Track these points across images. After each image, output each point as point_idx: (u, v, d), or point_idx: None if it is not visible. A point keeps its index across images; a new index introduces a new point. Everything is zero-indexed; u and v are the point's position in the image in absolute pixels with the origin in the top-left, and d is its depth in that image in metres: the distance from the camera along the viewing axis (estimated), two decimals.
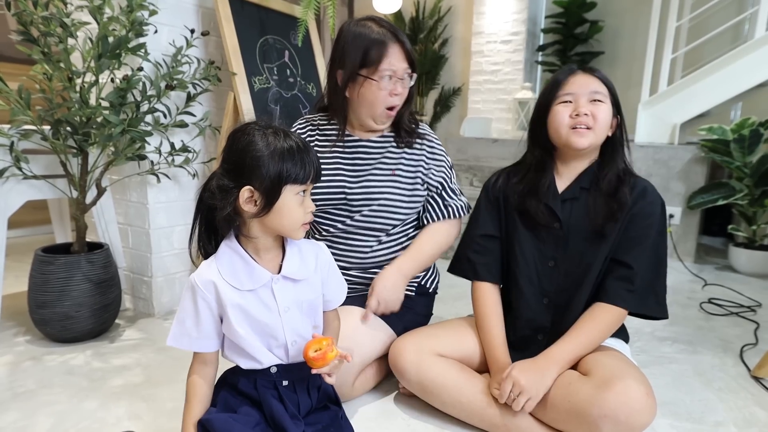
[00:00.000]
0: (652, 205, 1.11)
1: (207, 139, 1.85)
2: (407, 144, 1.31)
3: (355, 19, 1.24)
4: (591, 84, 1.10)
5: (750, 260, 2.48)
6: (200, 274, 0.86)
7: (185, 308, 0.87)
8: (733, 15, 3.00)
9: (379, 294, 1.21)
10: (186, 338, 0.87)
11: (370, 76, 1.19)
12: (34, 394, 1.24)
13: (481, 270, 1.22)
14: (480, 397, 1.10)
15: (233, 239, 0.89)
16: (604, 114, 1.09)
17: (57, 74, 1.38)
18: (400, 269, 1.25)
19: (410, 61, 1.22)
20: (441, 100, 4.46)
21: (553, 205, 1.14)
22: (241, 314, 0.87)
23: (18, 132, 1.42)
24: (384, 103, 1.22)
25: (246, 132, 0.84)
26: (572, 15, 3.70)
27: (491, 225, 1.23)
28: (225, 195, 0.83)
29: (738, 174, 2.48)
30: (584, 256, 1.13)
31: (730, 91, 2.66)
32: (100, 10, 1.38)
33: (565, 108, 1.11)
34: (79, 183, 1.52)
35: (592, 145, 1.11)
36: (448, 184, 1.34)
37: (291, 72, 1.97)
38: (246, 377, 0.91)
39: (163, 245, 1.75)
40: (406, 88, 1.25)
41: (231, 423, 0.83)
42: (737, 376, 1.42)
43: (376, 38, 1.18)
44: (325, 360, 0.86)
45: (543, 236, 1.16)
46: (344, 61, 1.21)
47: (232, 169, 0.84)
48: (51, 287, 1.45)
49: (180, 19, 1.69)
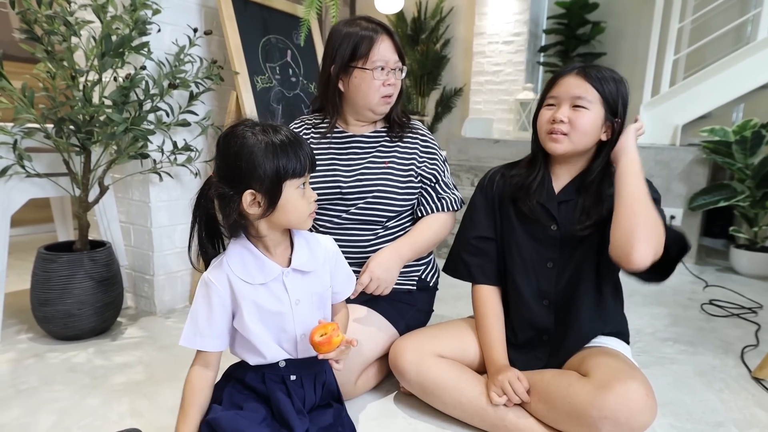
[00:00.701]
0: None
1: (209, 138, 1.85)
2: (400, 137, 1.33)
3: (345, 19, 1.28)
4: (577, 89, 1.06)
5: (751, 262, 2.47)
6: (213, 271, 0.87)
7: (198, 306, 0.88)
8: (736, 17, 3.00)
9: (372, 271, 1.19)
10: (199, 338, 0.87)
11: (363, 66, 1.23)
12: (36, 391, 1.24)
13: (476, 272, 1.22)
14: (480, 397, 1.09)
15: (243, 237, 0.89)
16: (585, 121, 1.06)
17: (60, 73, 1.38)
18: (397, 250, 1.25)
19: (400, 54, 1.27)
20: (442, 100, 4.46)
21: (549, 205, 1.13)
22: (254, 308, 0.88)
23: (21, 130, 1.43)
24: (379, 91, 1.25)
25: (236, 135, 0.83)
26: (574, 16, 3.71)
27: (487, 226, 1.22)
28: (227, 203, 0.83)
29: (739, 176, 2.48)
30: (583, 257, 1.12)
31: (732, 92, 2.66)
32: (103, 8, 1.38)
33: (548, 111, 1.10)
34: (82, 181, 1.53)
35: (569, 152, 1.09)
36: (442, 178, 1.35)
37: (293, 71, 1.97)
38: (254, 371, 0.92)
39: (165, 244, 1.76)
40: (398, 80, 1.29)
41: (238, 420, 0.84)
42: (738, 377, 1.43)
43: (365, 33, 1.23)
44: (330, 344, 0.86)
45: (540, 237, 1.15)
46: (335, 56, 1.24)
47: (229, 175, 0.83)
48: (53, 285, 1.45)
49: (183, 18, 1.70)
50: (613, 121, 1.09)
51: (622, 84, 1.09)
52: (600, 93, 1.06)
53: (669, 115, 2.86)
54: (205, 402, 0.89)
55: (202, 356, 0.90)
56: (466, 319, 1.31)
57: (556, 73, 1.14)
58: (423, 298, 1.38)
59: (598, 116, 1.07)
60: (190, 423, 0.86)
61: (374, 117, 1.31)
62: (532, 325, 1.17)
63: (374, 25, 1.25)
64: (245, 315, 0.87)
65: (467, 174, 3.07)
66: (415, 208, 1.35)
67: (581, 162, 1.14)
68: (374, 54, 1.22)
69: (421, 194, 1.34)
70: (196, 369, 0.89)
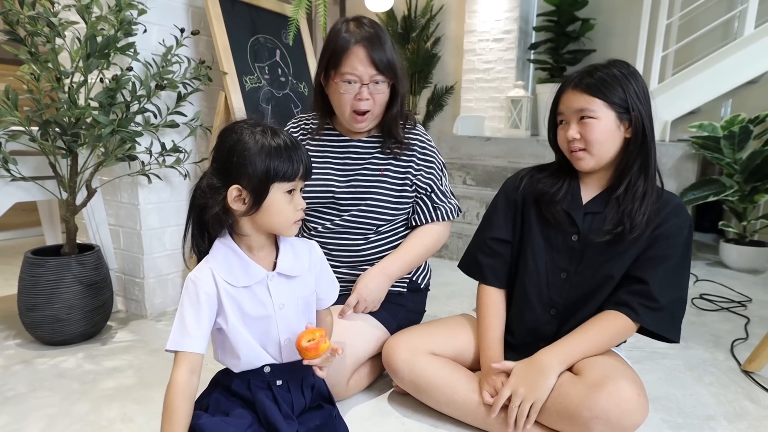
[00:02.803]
0: (681, 226, 1.04)
1: (198, 139, 1.84)
2: (394, 155, 1.29)
3: (347, 17, 1.23)
4: (577, 102, 1.03)
5: (740, 256, 2.50)
6: (199, 271, 0.87)
7: (185, 307, 0.85)
8: (723, 12, 3.02)
9: (360, 292, 1.21)
10: (188, 339, 0.84)
11: (333, 78, 1.19)
12: (24, 397, 1.22)
13: (488, 274, 1.20)
14: (474, 395, 1.09)
15: (227, 237, 0.89)
16: (596, 131, 1.02)
17: (45, 74, 1.36)
18: (384, 270, 1.25)
19: (379, 66, 1.17)
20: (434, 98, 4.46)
21: (575, 215, 1.09)
22: (237, 311, 0.87)
23: (5, 133, 1.41)
24: (349, 106, 1.20)
25: (234, 131, 0.85)
26: (564, 13, 3.71)
27: (505, 229, 1.19)
28: (214, 194, 0.83)
29: (728, 170, 2.50)
30: (599, 271, 1.08)
31: (720, 88, 2.68)
32: (88, 9, 1.36)
33: (562, 130, 1.08)
34: (69, 184, 1.51)
35: (596, 166, 1.06)
36: (438, 187, 1.33)
37: (282, 71, 1.96)
38: (239, 378, 0.91)
39: (155, 246, 1.74)
40: (376, 93, 1.20)
41: (223, 426, 0.82)
42: (728, 370, 1.44)
43: (341, 42, 1.16)
44: (317, 351, 0.86)
45: (558, 246, 1.12)
46: (320, 61, 1.22)
47: (221, 168, 0.84)
48: (41, 290, 1.44)
49: (170, 19, 1.68)
50: (630, 117, 1.03)
51: (625, 79, 1.03)
52: (602, 99, 1.01)
53: (658, 111, 2.87)
54: (190, 409, 0.85)
55: (187, 360, 0.85)
56: (459, 316, 1.31)
57: (560, 86, 1.10)
58: (414, 299, 1.38)
59: (609, 121, 1.02)
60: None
61: (351, 128, 1.27)
62: (533, 331, 1.15)
63: (359, 32, 1.16)
64: (229, 317, 0.86)
65: (459, 172, 3.07)
66: (410, 216, 1.34)
67: (611, 169, 1.09)
68: (345, 66, 1.16)
69: (416, 203, 1.32)
70: (182, 374, 0.84)
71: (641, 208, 1.03)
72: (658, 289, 1.03)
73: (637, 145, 1.04)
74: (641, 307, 1.04)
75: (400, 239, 1.33)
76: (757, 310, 1.93)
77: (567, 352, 1.04)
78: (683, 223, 1.05)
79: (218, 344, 0.91)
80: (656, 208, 1.05)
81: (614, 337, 1.06)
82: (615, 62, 1.06)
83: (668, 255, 1.04)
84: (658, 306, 1.03)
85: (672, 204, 1.06)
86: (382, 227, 1.30)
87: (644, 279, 1.04)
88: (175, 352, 0.85)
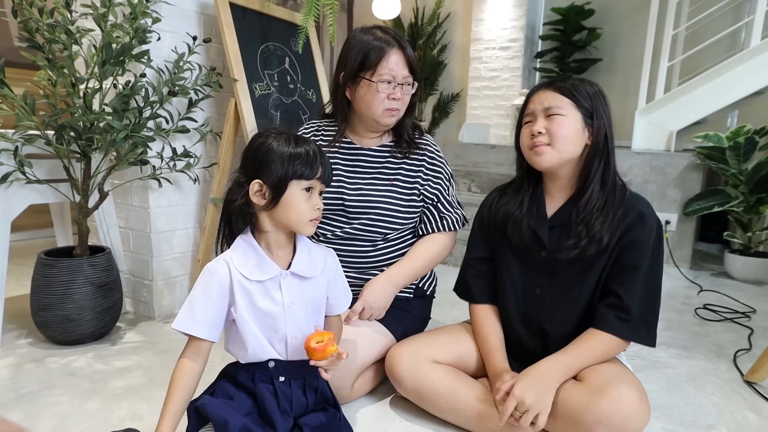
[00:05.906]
0: (647, 232, 1.05)
1: (208, 145, 1.87)
2: (406, 154, 1.33)
3: (363, 26, 1.28)
4: (546, 100, 1.06)
5: (745, 267, 2.50)
6: (216, 261, 0.92)
7: (197, 292, 0.91)
8: (730, 23, 3.03)
9: (365, 299, 1.23)
10: (192, 323, 0.90)
11: (369, 78, 1.23)
12: (36, 395, 1.25)
13: (477, 293, 1.23)
14: (476, 403, 1.10)
15: (249, 234, 0.95)
16: (563, 126, 1.04)
17: (61, 80, 1.40)
18: (390, 278, 1.27)
19: (411, 69, 1.25)
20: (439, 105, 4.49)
21: (540, 231, 1.11)
22: (248, 303, 0.91)
23: (22, 137, 1.44)
24: (382, 104, 1.24)
25: (262, 135, 0.94)
26: (570, 22, 3.74)
27: (483, 248, 1.23)
28: (238, 188, 0.92)
29: (733, 181, 2.50)
30: (572, 285, 1.10)
31: (726, 98, 2.69)
32: (104, 17, 1.40)
33: (527, 128, 1.10)
34: (82, 187, 1.54)
35: (556, 162, 1.06)
36: (445, 196, 1.35)
37: (291, 78, 1.99)
38: (245, 369, 0.95)
39: (164, 249, 1.77)
40: (406, 94, 1.27)
41: (224, 407, 0.87)
42: (730, 380, 1.44)
43: (377, 43, 1.22)
44: (324, 352, 0.90)
45: (530, 262, 1.13)
46: (346, 63, 1.25)
47: (246, 165, 0.93)
48: (53, 290, 1.47)
49: (182, 27, 1.72)
50: (593, 123, 1.06)
51: (595, 94, 1.06)
52: (571, 98, 1.05)
53: (664, 120, 2.89)
54: (192, 387, 0.90)
55: (193, 345, 0.91)
56: (462, 324, 1.32)
57: (531, 89, 1.13)
58: (420, 306, 1.40)
59: (575, 120, 1.05)
60: (176, 403, 0.87)
61: (380, 128, 1.31)
62: (521, 346, 1.18)
63: (389, 36, 1.23)
64: (239, 308, 0.91)
65: (464, 179, 3.09)
66: (417, 225, 1.36)
67: (573, 178, 1.10)
68: (382, 67, 1.22)
69: (423, 212, 1.35)
70: (186, 359, 0.91)
71: (600, 219, 1.04)
72: (629, 300, 1.04)
73: (597, 154, 1.06)
74: (616, 319, 1.04)
75: (409, 246, 1.35)
76: (761, 321, 1.93)
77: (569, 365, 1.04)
78: (649, 227, 1.05)
79: (230, 335, 0.97)
80: (619, 216, 1.05)
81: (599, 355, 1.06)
82: (587, 80, 1.10)
83: (637, 264, 1.04)
84: (630, 318, 1.04)
85: (636, 210, 1.06)
86: (390, 235, 1.32)
87: (616, 291, 1.05)
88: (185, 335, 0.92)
